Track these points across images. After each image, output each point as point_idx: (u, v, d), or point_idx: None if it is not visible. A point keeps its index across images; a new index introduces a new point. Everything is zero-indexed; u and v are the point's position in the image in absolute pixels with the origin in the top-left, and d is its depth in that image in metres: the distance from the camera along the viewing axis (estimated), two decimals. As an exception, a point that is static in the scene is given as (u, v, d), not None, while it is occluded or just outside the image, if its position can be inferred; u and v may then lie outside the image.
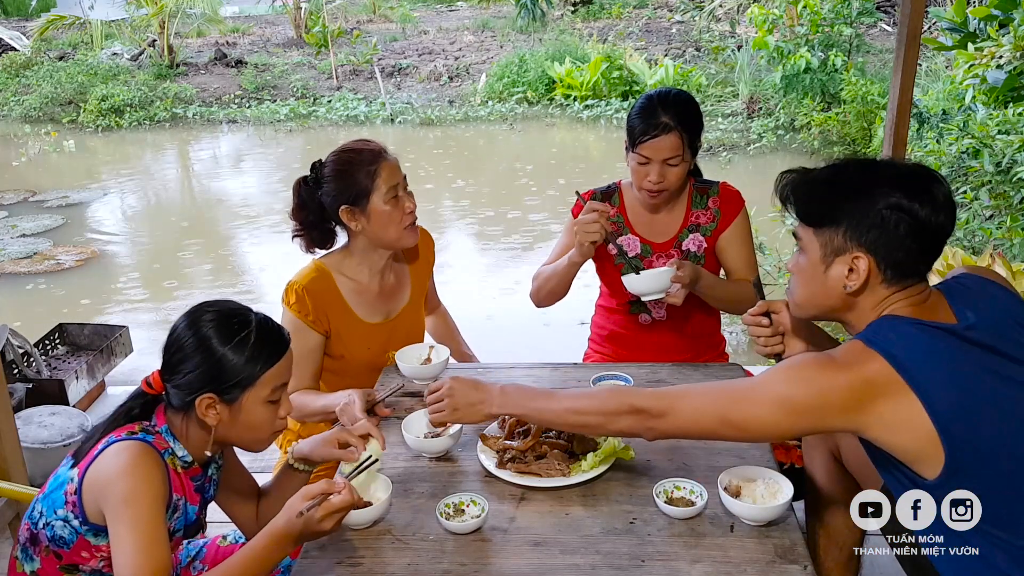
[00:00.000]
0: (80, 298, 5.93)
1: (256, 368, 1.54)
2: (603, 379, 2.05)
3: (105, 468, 1.46)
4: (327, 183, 2.11)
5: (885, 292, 1.44)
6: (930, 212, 1.39)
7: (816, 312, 1.55)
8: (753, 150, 9.02)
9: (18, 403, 3.31)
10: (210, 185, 9.57)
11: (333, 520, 1.45)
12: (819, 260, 1.47)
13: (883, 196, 1.40)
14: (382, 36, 14.75)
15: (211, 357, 1.52)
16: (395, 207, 2.10)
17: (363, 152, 2.11)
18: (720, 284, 2.31)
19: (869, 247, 1.42)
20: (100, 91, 11.62)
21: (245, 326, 1.55)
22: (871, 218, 1.40)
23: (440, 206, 8.03)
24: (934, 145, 5.63)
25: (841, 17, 9.22)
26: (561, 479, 1.67)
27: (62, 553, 1.52)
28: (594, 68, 11.47)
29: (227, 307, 1.59)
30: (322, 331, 2.15)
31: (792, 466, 2.06)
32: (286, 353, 1.59)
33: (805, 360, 1.41)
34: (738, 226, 2.35)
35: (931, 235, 1.41)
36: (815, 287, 1.49)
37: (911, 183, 1.42)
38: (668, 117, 2.16)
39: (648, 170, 2.21)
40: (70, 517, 1.49)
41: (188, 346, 1.53)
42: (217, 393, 1.53)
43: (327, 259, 2.20)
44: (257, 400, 1.55)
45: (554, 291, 2.36)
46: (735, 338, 4.81)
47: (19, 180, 9.27)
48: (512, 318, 5.15)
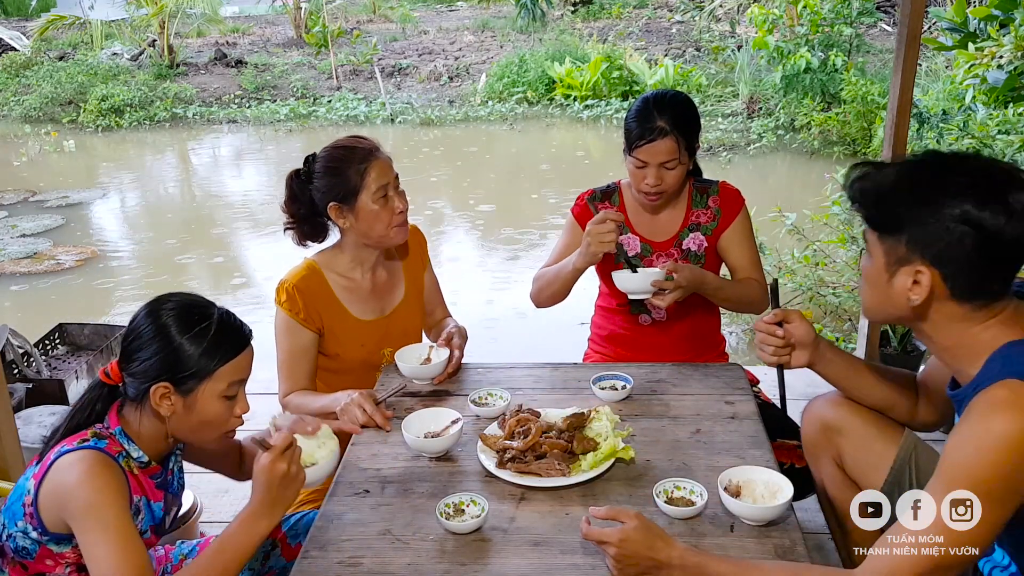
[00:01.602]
0: (80, 298, 5.93)
1: (213, 360, 1.52)
2: (603, 379, 2.05)
3: (60, 481, 1.44)
4: (318, 178, 2.10)
5: (959, 308, 1.35)
6: (1005, 223, 1.26)
7: (884, 319, 1.46)
8: (753, 150, 9.02)
9: (18, 403, 3.31)
10: (210, 185, 9.56)
11: (290, 463, 1.46)
12: (883, 267, 1.39)
13: (950, 205, 1.29)
14: (382, 36, 14.75)
15: (168, 345, 1.50)
16: (383, 206, 2.09)
17: (355, 150, 2.09)
18: (727, 285, 2.31)
19: (933, 261, 1.32)
20: (100, 91, 11.62)
21: (206, 318, 1.53)
22: (935, 230, 1.30)
23: (440, 206, 8.03)
24: (934, 145, 5.62)
25: (841, 17, 9.22)
26: (561, 479, 1.67)
27: (27, 563, 1.51)
28: (594, 68, 11.47)
29: (189, 299, 1.58)
30: (315, 329, 2.14)
31: (792, 466, 2.06)
32: (246, 349, 1.57)
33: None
34: (739, 224, 2.35)
35: (1005, 248, 1.29)
36: (880, 295, 1.42)
37: (984, 187, 1.29)
38: (664, 121, 2.15)
39: (645, 173, 2.21)
40: (29, 529, 1.48)
41: (146, 333, 1.51)
42: (172, 383, 1.50)
43: (318, 257, 2.20)
44: (213, 394, 1.53)
45: (556, 294, 2.36)
46: (735, 338, 4.81)
47: (19, 180, 9.27)
48: (512, 318, 5.15)
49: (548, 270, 2.37)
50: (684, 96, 2.28)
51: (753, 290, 2.32)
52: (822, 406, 1.87)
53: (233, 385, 1.55)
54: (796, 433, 2.08)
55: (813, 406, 1.90)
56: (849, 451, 1.80)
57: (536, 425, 1.75)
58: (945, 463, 1.31)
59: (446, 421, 1.86)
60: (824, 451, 1.84)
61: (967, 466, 1.27)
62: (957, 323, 1.36)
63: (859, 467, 1.79)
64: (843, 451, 1.81)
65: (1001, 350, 1.33)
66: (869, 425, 1.79)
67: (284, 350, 2.14)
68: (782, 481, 1.58)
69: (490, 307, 5.33)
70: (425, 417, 1.89)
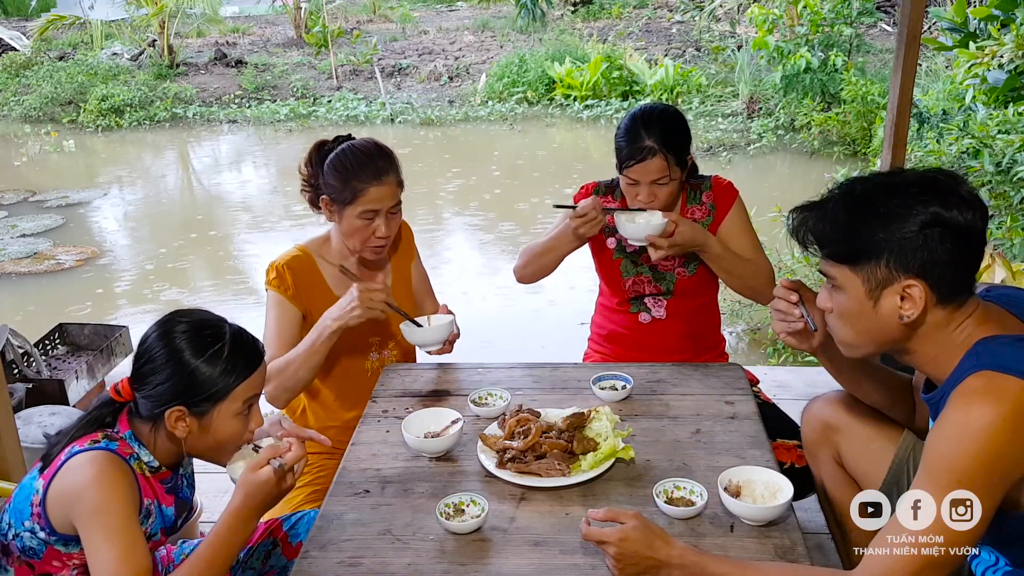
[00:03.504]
0: (80, 298, 5.92)
1: (229, 381, 1.51)
2: (603, 379, 2.05)
3: (71, 481, 1.44)
4: (327, 166, 2.12)
5: (943, 313, 1.36)
6: (968, 215, 1.31)
7: (874, 349, 1.45)
8: (753, 150, 9.02)
9: (18, 403, 3.31)
10: (210, 185, 9.56)
11: (292, 477, 1.50)
12: (864, 296, 1.38)
13: (919, 214, 1.31)
14: (382, 36, 14.75)
15: (183, 370, 1.49)
16: (364, 228, 2.10)
17: (367, 166, 2.08)
18: (730, 256, 2.25)
19: (918, 272, 1.33)
20: (100, 91, 11.62)
21: (219, 338, 1.51)
22: (912, 242, 1.31)
23: (440, 206, 8.03)
24: (934, 145, 5.62)
25: (841, 17, 9.22)
26: (561, 479, 1.67)
27: (34, 563, 1.51)
28: (594, 68, 11.46)
29: (200, 318, 1.56)
30: (302, 309, 2.15)
31: (792, 466, 2.06)
32: (260, 366, 1.57)
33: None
34: (735, 215, 2.34)
35: (976, 239, 1.34)
36: (867, 324, 1.40)
37: (937, 190, 1.33)
38: (652, 140, 2.14)
39: (638, 191, 2.21)
40: (36, 529, 1.47)
41: (159, 357, 1.50)
42: (187, 406, 1.50)
43: (309, 244, 2.24)
44: (228, 413, 1.53)
45: (538, 267, 2.35)
46: (735, 338, 4.81)
47: (19, 180, 9.27)
48: (512, 317, 5.15)
49: (535, 244, 2.36)
50: (672, 110, 2.27)
51: (757, 267, 2.29)
52: (822, 406, 1.88)
53: (248, 402, 1.55)
54: (796, 433, 2.08)
55: (813, 406, 1.91)
56: (849, 450, 1.81)
57: (536, 425, 1.75)
58: (928, 457, 1.32)
59: (446, 421, 1.87)
60: (824, 450, 1.85)
61: (950, 458, 1.28)
62: (942, 329, 1.38)
63: (859, 466, 1.79)
64: (843, 450, 1.82)
65: (975, 347, 1.35)
66: (869, 424, 1.79)
67: (270, 322, 2.16)
68: (782, 481, 1.59)
69: (490, 307, 5.32)
70: (425, 417, 1.89)
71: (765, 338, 4.69)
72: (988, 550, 1.47)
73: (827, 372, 1.79)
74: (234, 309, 5.40)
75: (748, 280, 2.29)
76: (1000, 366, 1.29)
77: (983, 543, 1.43)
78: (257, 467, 1.48)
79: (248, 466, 1.49)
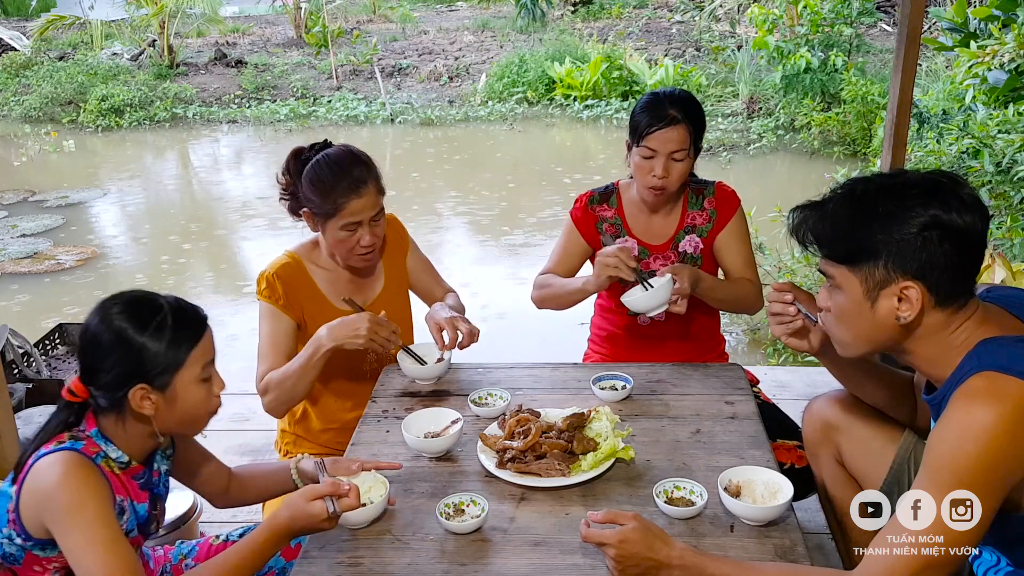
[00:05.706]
0: (80, 298, 5.92)
1: (181, 348, 1.50)
2: (603, 379, 2.05)
3: (38, 484, 1.43)
4: (304, 179, 2.08)
5: (942, 315, 1.36)
6: (968, 218, 1.31)
7: (870, 349, 1.46)
8: (753, 150, 9.02)
9: (18, 403, 3.31)
10: (210, 185, 9.56)
11: (336, 522, 1.49)
12: (862, 297, 1.38)
13: (918, 216, 1.31)
14: (382, 36, 14.75)
15: (131, 348, 1.47)
16: (348, 239, 2.08)
17: (343, 178, 2.04)
18: (721, 285, 2.31)
19: (916, 273, 1.33)
20: (100, 91, 11.62)
21: (158, 310, 1.50)
22: (911, 244, 1.32)
23: (440, 206, 8.03)
24: (934, 145, 5.62)
25: (841, 17, 9.22)
26: (561, 479, 1.67)
27: (16, 569, 1.51)
28: (594, 68, 11.47)
29: (133, 296, 1.54)
30: (295, 318, 2.15)
31: (792, 466, 2.06)
32: (207, 329, 1.56)
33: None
34: (734, 225, 2.35)
35: (976, 241, 1.34)
36: (864, 325, 1.41)
37: (938, 192, 1.33)
38: (675, 111, 2.17)
39: (653, 164, 2.19)
40: (13, 535, 1.47)
41: (105, 343, 1.48)
42: (148, 382, 1.48)
43: (299, 249, 2.23)
44: (190, 380, 1.52)
45: (559, 306, 2.37)
46: (735, 338, 4.81)
47: (19, 180, 9.27)
48: (512, 317, 5.15)
49: (554, 281, 2.36)
50: (691, 93, 2.30)
51: (746, 289, 2.32)
52: (823, 405, 1.88)
53: (206, 367, 1.54)
54: (796, 433, 2.08)
55: (814, 405, 1.91)
56: (849, 449, 1.81)
57: (536, 425, 1.75)
58: (929, 457, 1.32)
59: (446, 421, 1.87)
60: (825, 449, 1.85)
61: (951, 459, 1.28)
62: (941, 331, 1.38)
63: (859, 465, 1.79)
64: (843, 449, 1.82)
65: (976, 348, 1.35)
66: (869, 424, 1.79)
67: (264, 334, 2.15)
68: (782, 481, 1.59)
69: (490, 307, 5.32)
70: (425, 417, 1.89)
71: (765, 338, 4.69)
72: (990, 551, 1.47)
73: (828, 372, 1.79)
74: (234, 309, 5.40)
75: (736, 304, 2.36)
76: (1001, 367, 1.29)
77: (985, 544, 1.44)
78: (313, 496, 1.48)
79: (304, 493, 1.49)
